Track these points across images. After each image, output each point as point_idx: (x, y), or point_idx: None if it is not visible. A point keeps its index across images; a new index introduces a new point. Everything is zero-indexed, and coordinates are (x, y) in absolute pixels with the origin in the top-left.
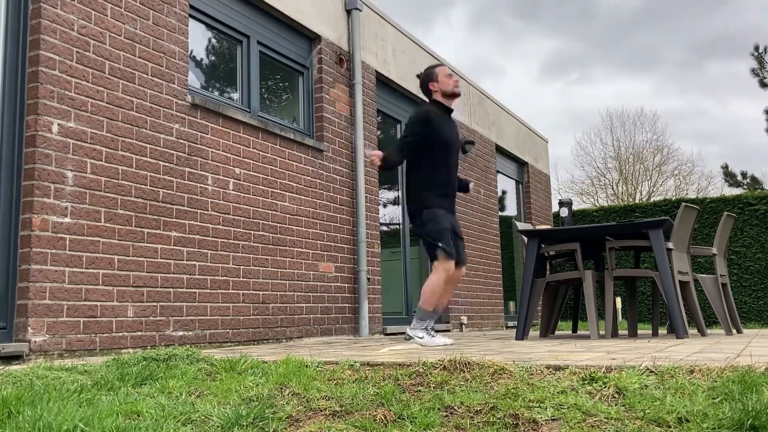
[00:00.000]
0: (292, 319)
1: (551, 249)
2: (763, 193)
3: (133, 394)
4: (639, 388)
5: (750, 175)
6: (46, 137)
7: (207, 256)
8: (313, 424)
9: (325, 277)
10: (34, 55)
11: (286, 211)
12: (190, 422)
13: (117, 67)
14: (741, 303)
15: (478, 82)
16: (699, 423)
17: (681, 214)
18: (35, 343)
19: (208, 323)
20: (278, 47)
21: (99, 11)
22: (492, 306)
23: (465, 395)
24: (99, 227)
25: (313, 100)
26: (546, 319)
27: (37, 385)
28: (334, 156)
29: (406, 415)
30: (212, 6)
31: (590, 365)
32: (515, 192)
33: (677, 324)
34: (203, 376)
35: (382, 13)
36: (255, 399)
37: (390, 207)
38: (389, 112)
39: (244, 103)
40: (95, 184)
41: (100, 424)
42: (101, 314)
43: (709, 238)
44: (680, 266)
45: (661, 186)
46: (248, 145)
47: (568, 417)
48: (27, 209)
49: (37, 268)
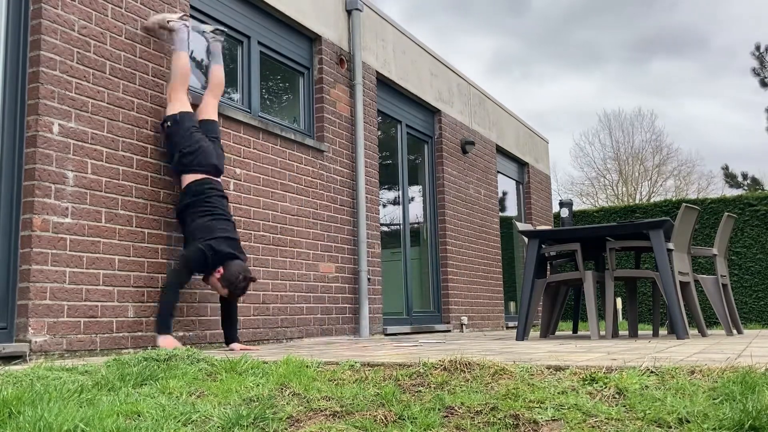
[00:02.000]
0: (292, 320)
1: (552, 249)
2: (763, 193)
3: (133, 395)
4: (639, 388)
5: (750, 176)
6: (47, 137)
7: None
8: (314, 424)
9: (325, 277)
10: (35, 56)
11: (287, 211)
12: (191, 422)
13: (118, 68)
14: (741, 303)
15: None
16: (699, 423)
17: (681, 215)
18: (36, 344)
19: (209, 323)
20: (279, 47)
21: (100, 12)
22: (492, 306)
23: (465, 396)
24: (99, 227)
25: (314, 100)
26: (546, 320)
27: (38, 386)
28: (335, 156)
29: (407, 415)
30: (213, 6)
31: (591, 366)
32: (516, 192)
33: (678, 324)
34: (203, 377)
35: (382, 14)
36: (255, 399)
37: (390, 207)
38: (390, 112)
39: (244, 104)
40: (96, 184)
41: (100, 424)
42: (102, 314)
43: (710, 238)
44: (681, 267)
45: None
46: (249, 146)
47: (569, 417)
48: (28, 209)
49: (38, 269)
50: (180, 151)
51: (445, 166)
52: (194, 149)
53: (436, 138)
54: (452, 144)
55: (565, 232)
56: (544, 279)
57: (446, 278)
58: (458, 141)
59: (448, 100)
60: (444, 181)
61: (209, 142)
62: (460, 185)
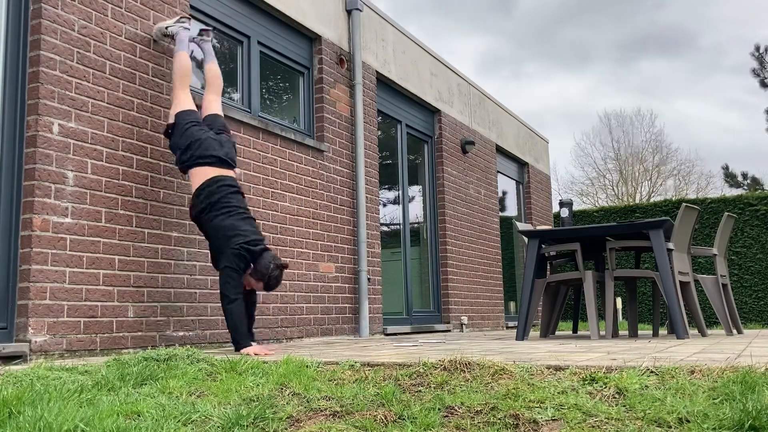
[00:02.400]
0: (292, 319)
1: (552, 249)
2: (763, 193)
3: (133, 395)
4: (639, 388)
5: (750, 176)
6: (47, 137)
7: (207, 257)
8: (314, 424)
9: (325, 277)
10: (35, 56)
11: (287, 211)
12: (191, 422)
13: (118, 68)
14: (741, 303)
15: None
16: (699, 423)
17: (681, 215)
18: (36, 344)
19: (209, 323)
20: (279, 47)
21: (100, 11)
22: (492, 306)
23: (465, 395)
24: (99, 227)
25: (314, 100)
26: (546, 320)
27: (38, 386)
28: (335, 156)
29: (407, 415)
30: (213, 6)
31: (591, 366)
32: (516, 192)
33: (678, 324)
34: (204, 377)
35: (382, 14)
36: (255, 399)
37: (390, 207)
38: (390, 112)
39: (244, 104)
40: (96, 184)
41: (100, 424)
42: (102, 314)
43: (710, 238)
44: (681, 266)
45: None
46: (249, 146)
47: (569, 417)
48: (27, 209)
49: (38, 269)
50: (179, 148)
51: (445, 166)
52: (189, 143)
53: (436, 138)
54: (452, 144)
55: (565, 232)
56: (544, 279)
57: (446, 278)
58: (458, 141)
59: (448, 100)
60: (444, 181)
61: (212, 134)
62: (460, 185)
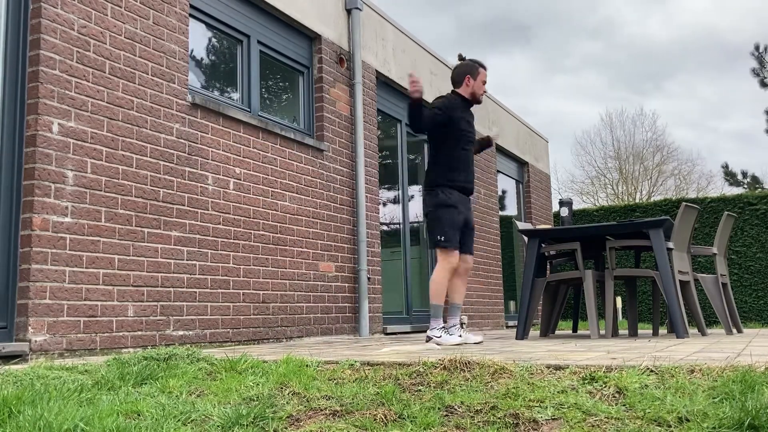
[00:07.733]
0: (292, 319)
1: (551, 248)
2: (763, 192)
3: (133, 394)
4: (639, 387)
5: (751, 175)
6: (47, 137)
7: (207, 256)
8: (314, 423)
9: (325, 276)
10: (35, 55)
11: (287, 210)
12: (191, 422)
13: (117, 67)
14: (741, 302)
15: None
16: (699, 422)
17: (681, 214)
18: (36, 343)
19: (209, 323)
20: (278, 47)
21: (99, 11)
22: (492, 306)
23: (465, 395)
24: (99, 227)
25: (314, 99)
26: (546, 319)
27: (38, 385)
28: (335, 156)
29: (407, 414)
30: (213, 5)
31: (590, 365)
32: (515, 191)
33: (677, 324)
34: (203, 376)
35: (382, 13)
36: (255, 398)
37: (390, 206)
38: (389, 111)
39: (244, 103)
40: (95, 183)
41: (100, 423)
42: (101, 314)
43: (710, 237)
44: (680, 266)
45: (661, 186)
46: (248, 145)
47: (569, 416)
48: (27, 209)
49: (38, 268)
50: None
51: None
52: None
53: None
54: None
55: (565, 231)
56: (544, 278)
57: None
58: None
59: None
60: None
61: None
62: None
